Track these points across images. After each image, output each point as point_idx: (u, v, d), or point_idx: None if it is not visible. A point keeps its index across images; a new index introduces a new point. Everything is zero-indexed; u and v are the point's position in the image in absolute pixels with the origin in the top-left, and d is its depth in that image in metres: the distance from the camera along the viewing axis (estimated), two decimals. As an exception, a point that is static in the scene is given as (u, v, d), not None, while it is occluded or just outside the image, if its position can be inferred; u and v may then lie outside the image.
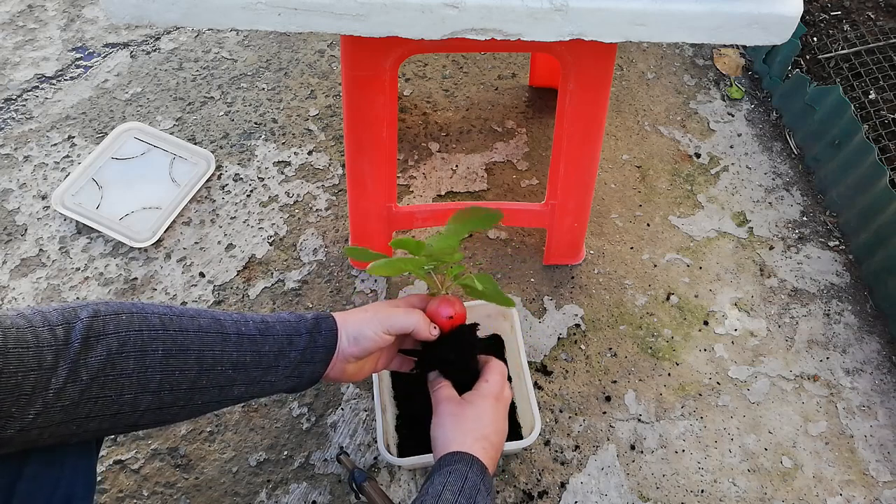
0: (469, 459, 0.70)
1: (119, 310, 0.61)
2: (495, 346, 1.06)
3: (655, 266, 1.20)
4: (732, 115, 1.41)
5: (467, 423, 0.74)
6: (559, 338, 1.12)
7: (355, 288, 1.15)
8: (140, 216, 1.21)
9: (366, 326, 0.74)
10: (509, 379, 1.01)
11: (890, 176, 1.15)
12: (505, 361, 1.04)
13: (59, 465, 0.63)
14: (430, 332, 0.77)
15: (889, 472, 1.02)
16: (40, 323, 0.56)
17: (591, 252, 1.21)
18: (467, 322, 0.82)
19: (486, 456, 0.71)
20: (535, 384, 1.07)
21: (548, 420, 1.04)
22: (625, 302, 1.16)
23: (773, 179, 1.33)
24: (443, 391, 0.78)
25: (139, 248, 1.18)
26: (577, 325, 1.13)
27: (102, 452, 0.98)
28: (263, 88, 1.40)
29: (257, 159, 1.30)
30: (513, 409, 0.99)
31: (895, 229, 1.12)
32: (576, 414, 1.05)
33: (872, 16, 1.46)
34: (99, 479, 0.96)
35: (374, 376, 0.94)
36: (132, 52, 1.45)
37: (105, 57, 1.44)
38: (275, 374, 0.70)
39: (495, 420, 0.75)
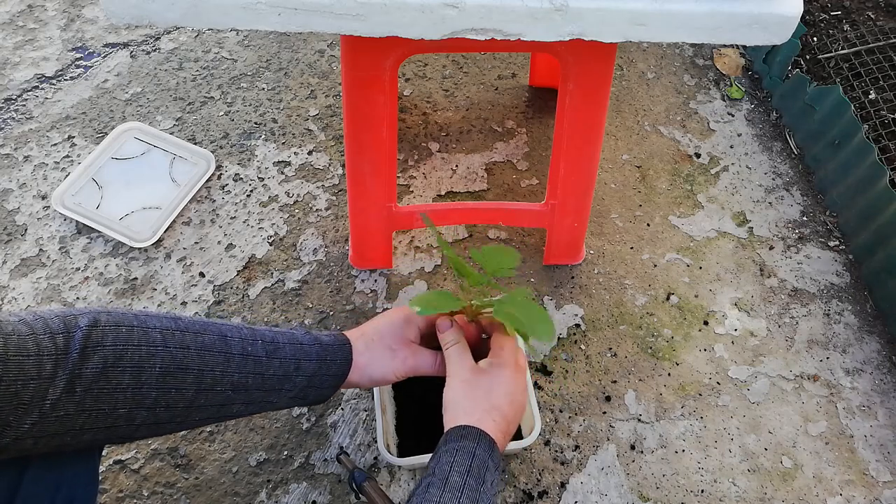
0: (477, 434, 0.67)
1: (120, 321, 0.60)
2: (495, 346, 1.06)
3: (655, 266, 1.20)
4: (732, 115, 1.41)
5: (479, 393, 0.70)
6: (559, 338, 1.12)
7: (355, 288, 1.15)
8: (140, 216, 1.21)
9: (389, 371, 0.74)
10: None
11: (890, 176, 1.15)
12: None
13: (61, 467, 0.62)
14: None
15: (889, 472, 1.02)
16: (42, 330, 0.55)
17: (591, 252, 1.21)
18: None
19: (496, 429, 0.69)
20: (535, 384, 1.07)
21: (548, 420, 1.04)
22: (625, 302, 1.16)
23: (773, 179, 1.33)
24: (457, 351, 0.74)
25: (139, 248, 1.18)
26: (577, 325, 1.13)
27: (103, 452, 0.98)
28: (263, 88, 1.40)
29: (257, 159, 1.30)
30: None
31: (895, 229, 1.12)
32: (576, 414, 1.05)
33: (872, 16, 1.46)
34: (99, 479, 0.96)
35: (374, 376, 0.94)
36: (132, 52, 1.45)
37: (105, 57, 1.44)
38: (277, 396, 0.69)
39: (512, 391, 0.72)
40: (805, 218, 1.28)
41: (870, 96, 1.32)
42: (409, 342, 0.76)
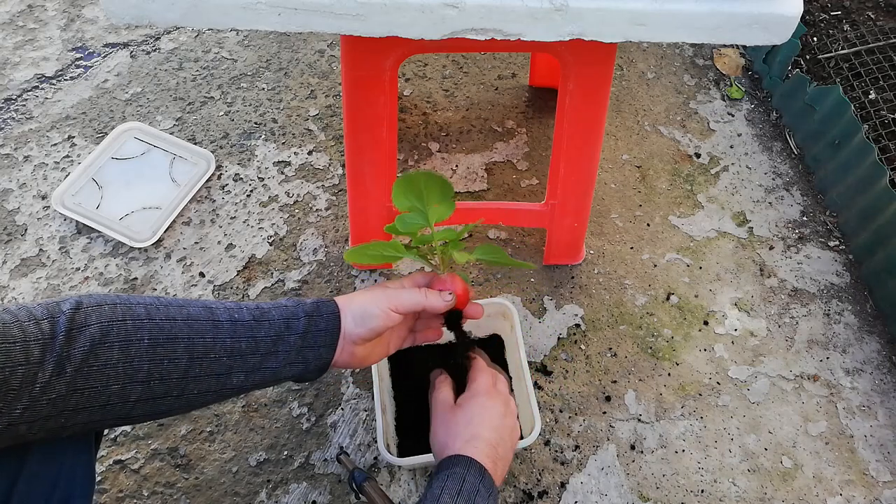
0: (466, 462, 0.68)
1: (102, 301, 0.60)
2: (495, 346, 1.06)
3: (655, 266, 1.20)
4: (732, 115, 1.41)
5: (458, 427, 0.73)
6: (559, 338, 1.12)
7: (355, 288, 1.15)
8: (140, 216, 1.21)
9: (372, 304, 0.72)
10: (509, 379, 1.01)
11: (890, 176, 1.15)
12: (505, 361, 1.05)
13: (58, 464, 0.62)
14: (443, 301, 0.74)
15: (889, 472, 1.02)
16: (26, 317, 0.55)
17: (591, 252, 1.21)
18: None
19: (482, 455, 0.70)
20: (535, 384, 1.07)
21: (548, 420, 1.04)
22: (625, 302, 1.16)
23: (773, 179, 1.33)
24: (437, 394, 0.77)
25: (139, 248, 1.18)
26: (577, 325, 1.13)
27: (102, 452, 0.98)
28: (263, 88, 1.40)
29: (257, 159, 1.30)
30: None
31: (895, 229, 1.12)
32: (576, 414, 1.05)
33: (872, 16, 1.46)
34: (99, 479, 0.96)
35: (375, 376, 0.94)
36: (132, 52, 1.45)
37: (105, 57, 1.44)
38: (275, 360, 0.68)
39: (490, 417, 0.73)
40: (805, 218, 1.28)
41: (870, 96, 1.32)
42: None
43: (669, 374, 1.09)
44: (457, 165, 1.30)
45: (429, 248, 0.78)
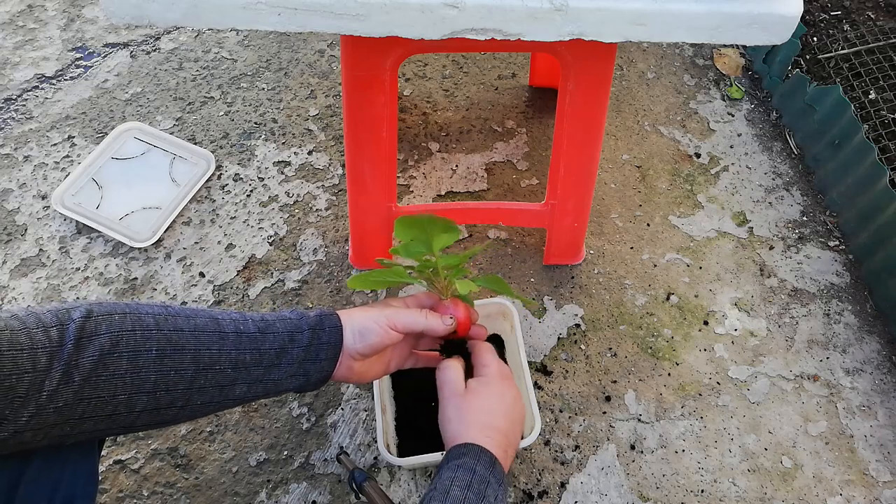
0: (477, 452, 0.68)
1: (112, 310, 0.61)
2: (495, 346, 1.06)
3: (655, 266, 1.20)
4: (732, 115, 1.41)
5: (471, 415, 0.72)
6: (559, 338, 1.12)
7: (355, 288, 1.16)
8: (140, 216, 1.21)
9: (371, 321, 0.72)
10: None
11: (890, 176, 1.15)
12: (505, 361, 1.04)
13: (60, 465, 0.62)
14: (444, 324, 0.74)
15: (889, 472, 1.02)
16: (34, 324, 0.55)
17: (591, 252, 1.21)
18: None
19: (494, 445, 0.70)
20: (535, 384, 1.07)
21: (548, 420, 1.04)
22: (625, 302, 1.16)
23: (773, 179, 1.33)
24: (446, 374, 0.75)
25: (139, 248, 1.18)
26: (577, 325, 1.13)
27: (103, 452, 0.98)
28: (263, 88, 1.40)
29: (257, 159, 1.30)
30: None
31: (895, 229, 1.12)
32: (576, 414, 1.05)
33: (872, 16, 1.46)
34: (99, 479, 0.96)
35: (374, 376, 0.94)
36: (132, 52, 1.45)
37: (105, 57, 1.44)
38: (277, 372, 0.69)
39: (505, 407, 0.74)
40: (805, 218, 1.28)
41: (870, 96, 1.32)
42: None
43: (669, 374, 1.09)
44: (457, 165, 1.30)
45: (432, 273, 0.78)
